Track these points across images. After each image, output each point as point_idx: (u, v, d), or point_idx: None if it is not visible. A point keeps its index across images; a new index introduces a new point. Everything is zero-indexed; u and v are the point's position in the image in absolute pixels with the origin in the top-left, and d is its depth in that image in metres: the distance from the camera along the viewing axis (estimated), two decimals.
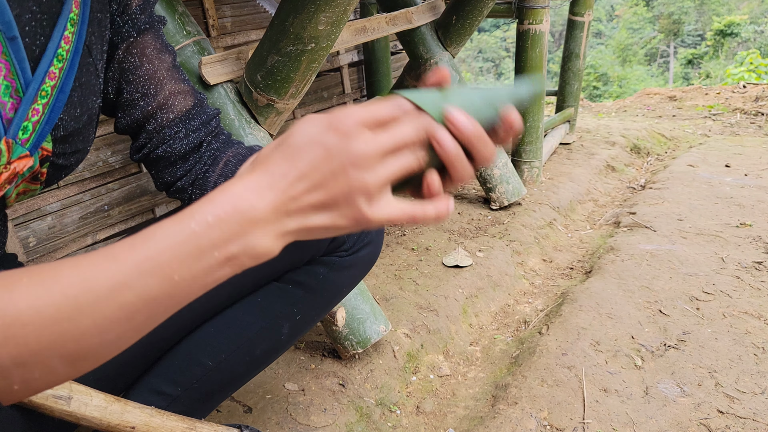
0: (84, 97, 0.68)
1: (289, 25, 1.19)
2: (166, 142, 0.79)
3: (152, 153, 0.80)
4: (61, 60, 0.62)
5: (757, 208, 2.26)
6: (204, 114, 0.81)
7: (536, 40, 2.32)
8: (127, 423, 0.72)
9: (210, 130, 0.82)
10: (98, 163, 1.73)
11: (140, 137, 0.80)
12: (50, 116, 0.62)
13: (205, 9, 2.04)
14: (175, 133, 0.79)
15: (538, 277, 1.94)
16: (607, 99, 16.49)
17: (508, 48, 27.31)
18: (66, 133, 0.66)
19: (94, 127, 0.72)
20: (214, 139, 0.83)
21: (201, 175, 0.82)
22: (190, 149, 0.80)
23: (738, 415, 1.18)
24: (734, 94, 4.56)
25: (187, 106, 0.79)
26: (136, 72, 0.75)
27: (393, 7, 2.09)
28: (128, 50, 0.74)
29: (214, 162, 0.82)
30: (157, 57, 0.76)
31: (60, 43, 0.61)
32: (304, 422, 1.18)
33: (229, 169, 0.80)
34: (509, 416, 1.21)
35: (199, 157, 0.81)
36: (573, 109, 3.26)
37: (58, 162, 0.67)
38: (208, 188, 0.80)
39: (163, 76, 0.77)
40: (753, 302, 1.59)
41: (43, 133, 0.62)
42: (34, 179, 0.65)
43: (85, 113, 0.68)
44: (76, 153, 0.69)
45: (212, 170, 0.81)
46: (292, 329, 0.90)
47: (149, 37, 0.76)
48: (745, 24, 19.41)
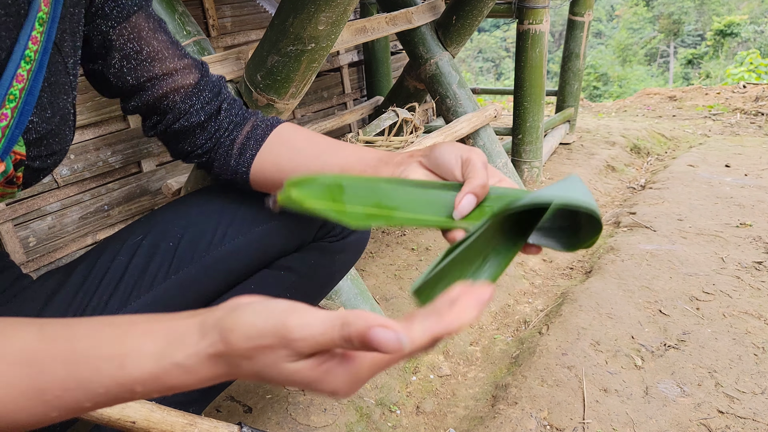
0: (54, 97, 0.66)
1: (289, 25, 1.19)
2: (182, 117, 0.80)
3: (169, 128, 0.81)
4: (29, 61, 0.60)
5: (757, 208, 2.26)
6: (213, 84, 0.82)
7: (536, 40, 2.32)
8: (128, 418, 0.72)
9: (223, 98, 0.83)
10: (98, 163, 1.73)
11: (153, 116, 0.81)
12: (19, 120, 0.60)
13: (205, 9, 2.04)
14: (189, 107, 0.80)
15: (538, 277, 1.94)
16: (607, 99, 16.49)
17: (508, 48, 27.31)
18: (39, 136, 0.64)
19: (71, 127, 0.71)
20: (230, 105, 0.84)
21: (224, 139, 0.83)
22: (208, 117, 0.82)
23: (738, 415, 1.18)
24: (734, 94, 4.56)
25: (194, 80, 0.80)
26: (138, 57, 0.75)
27: (393, 7, 2.09)
28: (124, 36, 0.74)
29: (237, 126, 0.83)
30: (154, 37, 0.76)
31: (27, 44, 0.60)
32: (304, 422, 1.18)
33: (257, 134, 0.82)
34: (509, 416, 1.21)
35: (218, 123, 0.83)
36: (573, 109, 3.26)
37: (34, 165, 0.66)
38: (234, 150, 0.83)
39: (164, 56, 0.77)
40: (753, 302, 1.59)
41: (13, 138, 0.60)
42: (9, 183, 0.64)
43: (56, 114, 0.67)
44: (52, 155, 0.68)
45: (237, 133, 0.83)
46: None
47: (141, 19, 0.75)
48: (745, 24, 19.41)
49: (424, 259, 1.91)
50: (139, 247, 0.83)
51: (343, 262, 0.96)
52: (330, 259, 0.94)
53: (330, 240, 0.93)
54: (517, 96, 2.45)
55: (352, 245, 0.96)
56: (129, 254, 0.83)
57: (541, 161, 2.57)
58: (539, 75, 2.38)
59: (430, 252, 1.96)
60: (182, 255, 0.83)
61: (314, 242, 0.93)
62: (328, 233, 0.93)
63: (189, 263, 0.84)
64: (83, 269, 0.82)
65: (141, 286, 0.81)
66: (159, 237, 0.84)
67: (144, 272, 0.82)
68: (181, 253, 0.83)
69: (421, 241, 2.04)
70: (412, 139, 1.94)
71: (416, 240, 2.05)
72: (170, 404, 0.83)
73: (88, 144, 1.69)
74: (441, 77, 2.16)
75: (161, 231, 0.84)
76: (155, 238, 0.84)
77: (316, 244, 0.93)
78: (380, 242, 2.05)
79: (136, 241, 0.84)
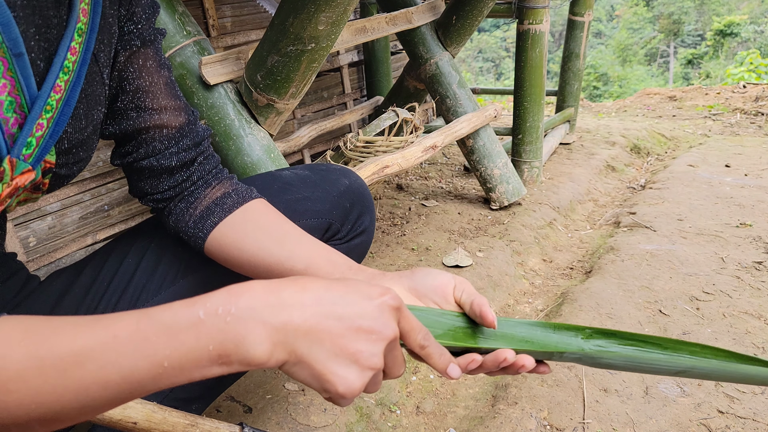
0: (89, 108, 0.67)
1: (289, 25, 1.19)
2: (154, 156, 0.76)
3: (136, 163, 0.77)
4: (66, 72, 0.60)
5: (757, 208, 2.26)
6: (196, 135, 0.79)
7: (536, 40, 2.32)
8: (129, 418, 0.72)
9: (202, 150, 0.80)
10: (98, 163, 1.73)
11: (126, 145, 0.77)
12: (54, 130, 0.61)
13: (205, 9, 2.04)
14: (164, 148, 0.76)
15: (538, 277, 1.94)
16: (607, 99, 16.49)
17: (508, 48, 27.30)
18: (70, 145, 0.65)
19: (98, 136, 0.71)
20: (207, 160, 0.81)
21: (188, 194, 0.79)
22: (179, 165, 0.78)
23: (738, 415, 1.18)
24: (734, 94, 4.56)
25: (180, 123, 0.77)
26: (134, 83, 0.74)
27: (393, 7, 2.09)
28: (130, 60, 0.73)
29: (205, 185, 0.80)
30: (157, 71, 0.75)
31: (66, 55, 0.60)
32: (304, 422, 1.18)
33: (228, 203, 0.78)
34: (509, 416, 1.21)
35: (188, 175, 0.79)
36: (573, 109, 3.26)
37: (61, 172, 0.66)
38: (196, 210, 0.78)
39: (159, 91, 0.75)
40: (753, 302, 1.59)
41: (46, 147, 0.60)
42: (35, 189, 0.64)
43: (89, 124, 0.67)
44: (78, 162, 0.68)
45: (202, 193, 0.79)
46: None
47: (151, 51, 0.75)
48: (745, 24, 19.41)
49: (424, 259, 1.91)
50: (148, 250, 0.83)
51: None
52: None
53: (335, 243, 0.93)
54: (517, 96, 2.45)
55: (356, 248, 0.96)
56: (138, 257, 0.83)
57: (541, 161, 2.57)
58: (539, 75, 2.38)
59: (430, 252, 1.96)
60: (191, 259, 0.83)
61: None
62: (333, 236, 0.93)
63: (197, 268, 0.83)
64: (91, 271, 0.82)
65: (149, 289, 0.81)
66: (168, 240, 0.84)
67: (153, 275, 0.82)
68: (190, 257, 0.83)
69: (421, 241, 2.04)
70: (412, 139, 1.94)
71: (416, 240, 2.05)
72: (172, 402, 0.83)
73: None
74: (441, 77, 2.16)
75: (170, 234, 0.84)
76: (164, 241, 0.84)
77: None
78: (380, 242, 2.06)
79: (144, 244, 0.84)
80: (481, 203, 2.40)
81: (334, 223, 0.92)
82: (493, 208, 2.32)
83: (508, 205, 2.30)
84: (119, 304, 0.80)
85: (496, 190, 2.26)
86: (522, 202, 2.37)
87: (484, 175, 2.26)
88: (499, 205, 2.29)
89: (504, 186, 2.25)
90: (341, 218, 0.92)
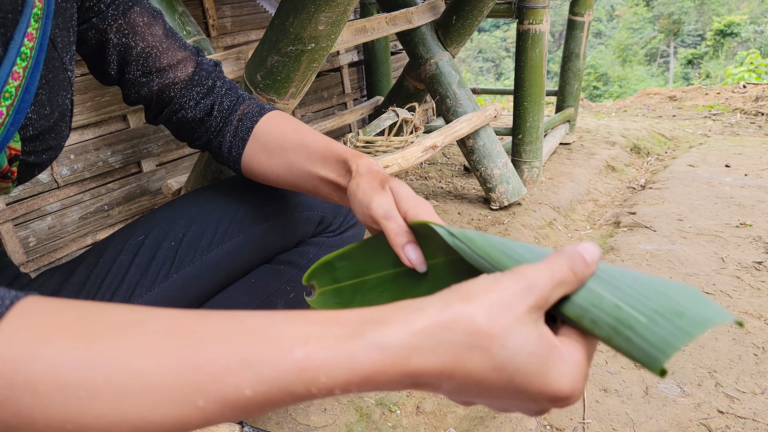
0: (52, 94, 0.66)
1: (289, 25, 1.19)
2: (179, 111, 0.82)
3: (169, 120, 0.83)
4: (24, 59, 0.60)
5: (757, 208, 2.26)
6: (207, 77, 0.83)
7: (536, 40, 2.32)
8: None
9: (217, 92, 0.84)
10: (98, 163, 1.73)
11: (152, 108, 0.83)
12: (15, 117, 0.60)
13: (205, 9, 2.04)
14: (184, 102, 0.81)
15: None
16: (607, 99, 16.49)
17: (508, 48, 27.31)
18: (36, 132, 0.64)
19: (67, 122, 0.72)
20: (224, 97, 0.85)
21: (218, 132, 0.85)
22: (204, 114, 0.83)
23: (738, 415, 1.18)
24: (734, 94, 4.56)
25: (188, 74, 0.81)
26: (132, 52, 0.76)
27: (393, 7, 2.09)
28: (120, 32, 0.74)
29: (227, 120, 0.84)
30: (149, 32, 0.77)
31: (23, 41, 0.59)
32: (304, 422, 1.18)
33: (244, 127, 0.83)
34: (509, 416, 1.21)
35: (212, 120, 0.84)
36: (573, 109, 3.26)
37: (29, 160, 0.66)
38: (225, 145, 0.84)
39: (158, 51, 0.78)
40: (753, 302, 1.59)
41: (8, 135, 0.60)
42: (4, 177, 0.64)
43: (55, 110, 0.67)
44: (48, 150, 0.68)
45: (227, 127, 0.84)
46: (286, 307, 0.92)
47: (136, 14, 0.76)
48: (745, 24, 19.41)
49: None
50: (142, 247, 0.84)
51: None
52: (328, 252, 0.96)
53: (328, 236, 0.96)
54: (517, 96, 2.45)
55: (349, 240, 0.98)
56: (131, 253, 0.83)
57: (541, 161, 2.57)
58: (539, 75, 2.38)
59: None
60: (184, 254, 0.84)
61: (313, 238, 0.96)
62: (326, 229, 0.96)
63: (191, 262, 0.85)
64: (84, 269, 0.82)
65: (143, 285, 0.82)
66: (161, 236, 0.85)
67: (146, 271, 0.83)
68: (183, 251, 0.84)
69: None
70: (412, 139, 1.94)
71: None
72: None
73: (88, 144, 1.69)
74: (441, 77, 2.16)
75: (163, 230, 0.85)
76: (157, 238, 0.85)
77: (314, 239, 0.96)
78: None
79: (138, 241, 0.85)
80: (481, 203, 2.40)
81: (327, 216, 0.94)
82: (493, 208, 2.32)
83: (508, 205, 2.30)
84: (113, 300, 0.80)
85: (496, 190, 2.26)
86: (522, 202, 2.37)
87: (484, 175, 2.26)
88: (499, 205, 2.29)
89: (504, 186, 2.25)
90: (333, 211, 0.95)
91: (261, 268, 0.93)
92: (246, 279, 0.92)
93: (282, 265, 0.93)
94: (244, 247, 0.88)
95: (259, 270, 0.93)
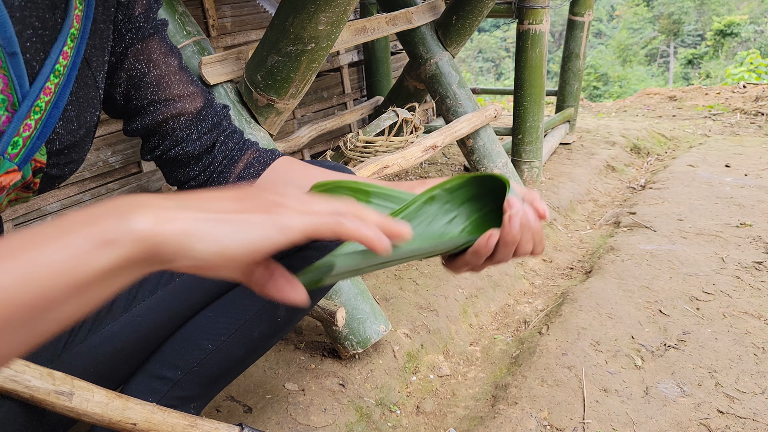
0: (81, 110, 0.67)
1: (289, 25, 1.19)
2: (179, 144, 0.79)
3: (165, 155, 0.80)
4: (57, 75, 0.61)
5: (757, 208, 2.26)
6: (214, 114, 0.82)
7: (536, 40, 2.32)
8: (129, 419, 0.72)
9: (222, 129, 0.83)
10: (98, 163, 1.73)
11: (152, 140, 0.80)
12: (42, 131, 0.61)
13: (205, 9, 2.04)
14: (187, 135, 0.79)
15: (538, 277, 1.94)
16: (607, 99, 16.49)
17: (508, 48, 27.30)
18: (62, 147, 0.65)
19: (91, 138, 0.72)
20: (228, 138, 0.83)
21: (217, 174, 0.82)
22: (203, 150, 0.81)
23: (738, 415, 1.18)
24: (734, 94, 4.56)
25: (196, 108, 0.79)
26: (144, 79, 0.75)
27: (393, 7, 2.09)
28: (135, 57, 0.74)
29: (231, 162, 0.83)
30: (164, 61, 0.76)
31: (58, 58, 0.60)
32: (304, 422, 1.18)
33: (251, 172, 0.81)
34: (509, 416, 1.21)
35: (213, 158, 0.82)
36: (573, 109, 3.26)
37: (52, 172, 0.67)
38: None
39: (170, 81, 0.77)
40: (753, 302, 1.59)
41: (33, 148, 0.61)
42: (26, 188, 0.65)
43: (82, 127, 0.68)
44: (70, 164, 0.69)
45: (230, 170, 0.82)
46: (288, 311, 0.91)
47: (154, 42, 0.75)
48: (745, 24, 19.41)
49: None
50: None
51: None
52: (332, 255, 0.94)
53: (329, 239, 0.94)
54: (517, 96, 2.45)
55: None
56: None
57: (541, 161, 2.57)
58: (539, 75, 2.38)
59: None
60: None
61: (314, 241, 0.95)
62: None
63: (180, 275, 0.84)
64: None
65: (146, 288, 0.82)
66: None
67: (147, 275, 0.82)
68: None
69: None
70: (412, 139, 1.94)
71: None
72: (171, 401, 0.83)
73: None
74: (441, 77, 2.16)
75: None
76: None
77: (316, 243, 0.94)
78: None
79: None
80: None
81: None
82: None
83: None
84: (114, 304, 0.80)
85: None
86: None
87: None
88: None
89: None
90: None
91: None
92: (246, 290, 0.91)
93: None
94: None
95: None
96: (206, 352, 0.86)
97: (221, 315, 0.88)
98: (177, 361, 0.85)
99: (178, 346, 0.85)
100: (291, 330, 1.36)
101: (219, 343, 0.86)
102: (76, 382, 0.68)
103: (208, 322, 0.87)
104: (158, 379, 0.84)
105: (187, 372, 0.85)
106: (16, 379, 0.63)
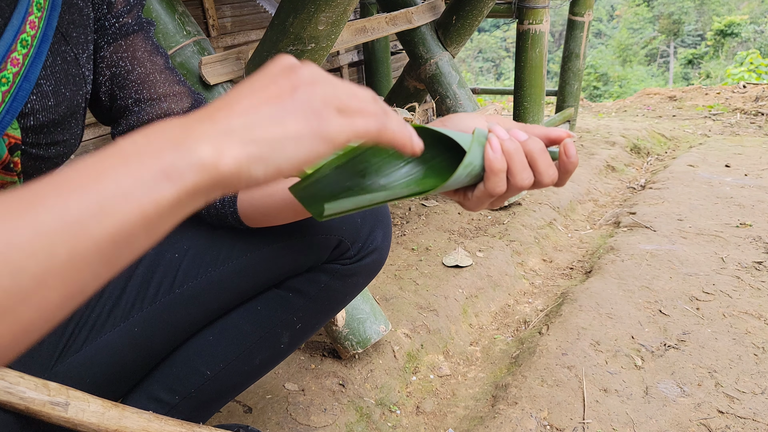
0: (59, 86, 0.65)
1: (289, 25, 1.19)
2: None
3: None
4: (25, 46, 0.59)
5: (757, 208, 2.26)
6: None
7: (536, 40, 2.32)
8: (125, 428, 0.71)
9: None
10: None
11: None
12: (12, 105, 0.59)
13: (205, 9, 2.04)
14: None
15: (538, 277, 1.94)
16: (607, 99, 16.50)
17: (508, 48, 27.30)
18: (38, 123, 0.63)
19: (79, 119, 0.69)
20: None
21: None
22: None
23: (738, 415, 1.18)
24: (734, 94, 4.56)
25: (183, 108, 0.75)
26: (128, 77, 0.72)
27: (393, 7, 2.09)
28: (117, 53, 0.72)
29: None
30: (149, 59, 0.74)
31: (23, 27, 0.58)
32: (304, 422, 1.18)
33: None
34: (509, 416, 1.21)
35: None
36: (573, 109, 3.26)
37: (32, 152, 0.64)
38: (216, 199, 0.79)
39: (156, 79, 0.74)
40: (753, 302, 1.59)
41: (3, 121, 0.59)
42: (6, 169, 0.63)
43: (62, 103, 0.65)
44: (54, 144, 0.67)
45: None
46: (291, 338, 0.89)
47: (139, 40, 0.73)
48: (745, 24, 19.42)
49: (424, 260, 1.91)
50: (143, 257, 0.80)
51: (354, 285, 0.90)
52: (341, 282, 0.88)
53: (343, 262, 0.86)
54: (517, 96, 2.45)
55: (366, 269, 0.88)
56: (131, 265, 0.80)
57: None
58: (539, 75, 2.38)
59: (430, 252, 1.96)
60: (187, 269, 0.80)
61: (327, 263, 0.87)
62: (342, 255, 0.86)
63: (194, 278, 0.81)
64: None
65: (144, 298, 0.79)
66: (164, 247, 0.81)
67: (148, 283, 0.79)
68: (186, 266, 0.80)
69: (421, 241, 2.04)
70: None
71: (416, 240, 2.05)
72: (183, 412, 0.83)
73: (88, 144, 1.69)
74: (441, 77, 2.16)
75: (166, 241, 0.81)
76: (159, 248, 0.81)
77: (328, 266, 0.87)
78: None
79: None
80: None
81: (344, 240, 0.84)
82: (494, 208, 2.32)
83: (508, 205, 2.30)
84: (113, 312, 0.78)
85: None
86: (522, 202, 2.36)
87: None
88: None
89: None
90: (352, 235, 0.84)
91: (268, 294, 0.87)
92: (252, 305, 0.87)
93: (291, 293, 0.87)
94: (251, 268, 0.82)
95: (265, 296, 0.87)
96: (204, 379, 0.84)
97: (222, 340, 0.85)
98: (174, 385, 0.83)
99: (177, 369, 0.84)
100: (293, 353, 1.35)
101: (218, 370, 0.84)
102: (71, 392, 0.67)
103: (208, 347, 0.85)
104: (155, 401, 0.83)
105: (184, 397, 0.84)
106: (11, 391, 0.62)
